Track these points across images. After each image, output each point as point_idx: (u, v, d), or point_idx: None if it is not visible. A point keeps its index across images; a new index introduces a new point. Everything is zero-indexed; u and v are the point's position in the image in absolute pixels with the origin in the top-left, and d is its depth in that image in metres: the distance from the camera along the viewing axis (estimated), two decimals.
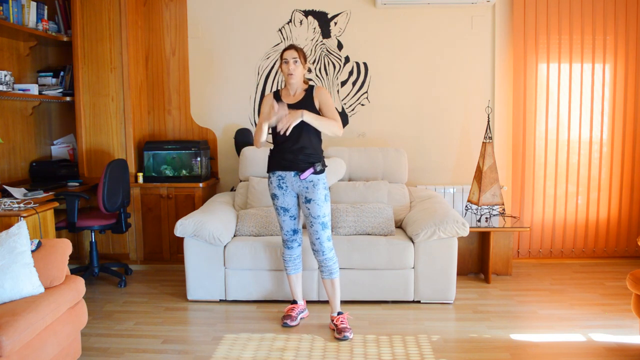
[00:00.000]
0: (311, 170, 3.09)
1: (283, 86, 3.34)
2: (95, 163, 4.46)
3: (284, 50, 3.17)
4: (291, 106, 3.09)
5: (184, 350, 2.99)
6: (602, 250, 4.67)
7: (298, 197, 3.19)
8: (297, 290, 3.41)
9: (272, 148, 3.22)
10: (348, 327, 3.15)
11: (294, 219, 3.25)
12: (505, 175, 4.66)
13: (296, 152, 3.09)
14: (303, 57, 3.17)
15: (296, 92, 3.20)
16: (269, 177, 3.21)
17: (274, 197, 3.20)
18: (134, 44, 4.49)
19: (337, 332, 3.12)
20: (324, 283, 3.23)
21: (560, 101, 4.55)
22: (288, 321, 3.27)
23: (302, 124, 3.02)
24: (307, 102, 3.13)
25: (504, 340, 3.07)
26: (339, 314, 3.22)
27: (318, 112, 3.12)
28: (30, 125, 4.43)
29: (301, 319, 3.37)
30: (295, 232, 3.28)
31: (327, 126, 3.08)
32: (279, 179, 3.15)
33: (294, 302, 3.41)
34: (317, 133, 3.14)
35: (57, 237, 3.71)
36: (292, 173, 3.11)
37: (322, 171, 3.14)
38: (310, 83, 3.26)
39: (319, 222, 3.12)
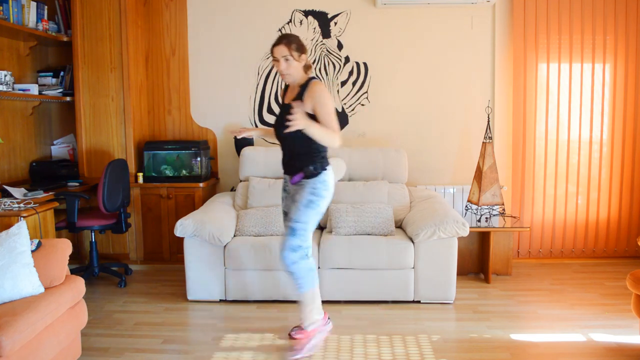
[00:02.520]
0: (301, 175, 2.87)
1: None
2: (95, 163, 4.46)
3: (273, 45, 2.82)
4: (284, 106, 2.93)
5: (184, 350, 2.99)
6: (602, 250, 4.67)
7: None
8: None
9: None
10: (300, 349, 2.83)
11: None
12: (505, 175, 4.66)
13: (291, 155, 2.93)
14: (296, 49, 2.79)
15: (295, 87, 2.92)
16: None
17: (281, 200, 3.12)
18: (134, 44, 4.49)
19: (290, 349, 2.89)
20: None
21: (560, 101, 4.55)
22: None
23: (286, 126, 2.74)
24: (299, 100, 2.84)
25: (504, 340, 3.07)
26: (304, 328, 2.96)
27: (311, 112, 2.79)
28: (30, 125, 4.43)
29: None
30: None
31: (325, 139, 2.75)
32: (284, 182, 3.06)
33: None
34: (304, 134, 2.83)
35: (57, 237, 3.71)
36: (287, 177, 3.00)
37: (314, 175, 2.86)
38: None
39: (291, 225, 2.82)
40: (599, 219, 4.63)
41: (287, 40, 2.79)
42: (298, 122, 2.62)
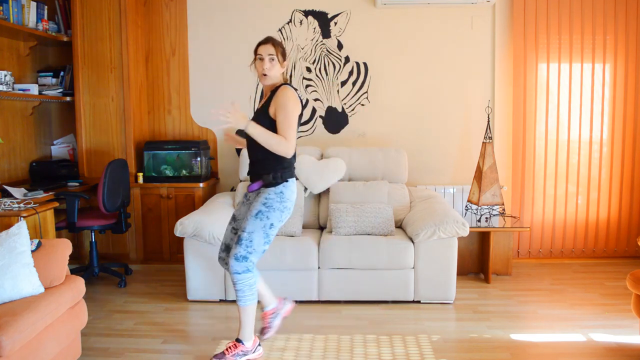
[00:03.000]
0: (259, 183, 2.77)
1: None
2: (95, 163, 4.46)
3: (260, 43, 2.74)
4: (257, 110, 2.84)
5: (184, 350, 2.99)
6: (602, 250, 4.66)
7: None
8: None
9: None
10: (228, 355, 2.75)
11: (235, 233, 2.90)
12: (505, 175, 4.66)
13: (252, 162, 2.82)
14: (282, 53, 2.74)
15: (267, 92, 2.81)
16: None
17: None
18: (134, 44, 4.49)
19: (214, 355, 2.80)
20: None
21: (560, 101, 4.55)
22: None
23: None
24: (263, 109, 2.76)
25: (504, 340, 3.06)
26: (236, 340, 2.83)
27: (269, 119, 2.69)
28: (30, 125, 4.43)
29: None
30: (227, 247, 2.93)
31: (269, 144, 2.64)
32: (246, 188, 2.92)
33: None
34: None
35: (57, 237, 3.71)
36: (250, 184, 2.87)
37: (271, 184, 2.73)
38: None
39: (238, 233, 2.76)
40: (599, 219, 4.63)
41: (274, 41, 2.77)
42: (233, 118, 2.55)
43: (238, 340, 2.82)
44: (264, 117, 2.72)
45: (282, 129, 2.66)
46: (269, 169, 2.73)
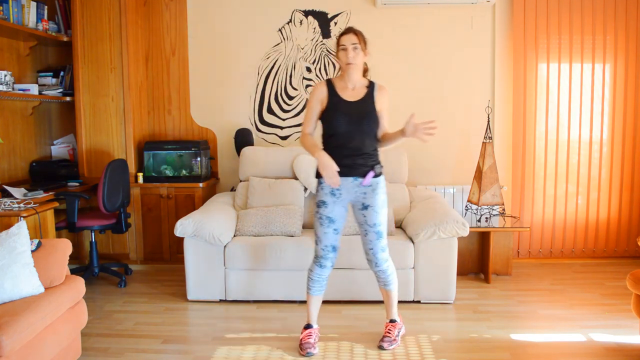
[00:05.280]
0: (372, 174, 2.78)
1: (335, 75, 3.02)
2: (95, 163, 4.46)
3: (342, 34, 2.79)
4: (353, 105, 2.80)
5: (184, 350, 2.99)
6: (602, 250, 4.66)
7: (350, 208, 2.91)
8: (315, 313, 3.01)
9: (323, 150, 2.81)
10: (393, 337, 2.96)
11: (337, 234, 2.87)
12: (505, 175, 4.66)
13: (354, 155, 2.78)
14: (364, 42, 2.80)
15: (355, 85, 2.84)
16: (320, 183, 2.84)
17: (321, 204, 2.83)
18: (134, 44, 4.49)
19: (380, 339, 2.99)
20: (380, 290, 3.04)
21: (560, 101, 4.55)
22: (311, 350, 2.88)
23: (362, 123, 2.76)
24: (368, 102, 2.81)
25: (504, 340, 3.07)
26: (391, 321, 3.04)
27: (377, 115, 2.83)
28: (30, 125, 4.43)
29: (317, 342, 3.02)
30: (334, 249, 2.89)
31: (395, 141, 2.87)
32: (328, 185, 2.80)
33: (309, 326, 2.99)
34: (375, 133, 2.84)
35: (57, 237, 3.71)
36: (351, 179, 2.78)
37: (381, 173, 2.85)
38: (369, 77, 2.90)
39: (374, 230, 2.84)
40: (599, 219, 4.63)
41: (356, 30, 2.81)
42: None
43: (393, 321, 3.04)
44: (376, 114, 2.83)
45: (388, 126, 2.92)
46: (376, 159, 2.86)
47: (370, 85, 2.87)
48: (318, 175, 2.83)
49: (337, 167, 2.70)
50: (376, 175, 2.82)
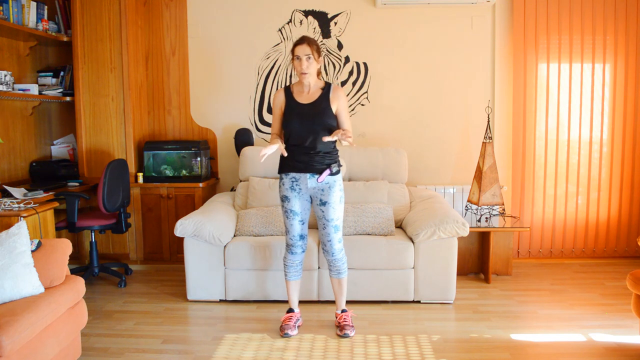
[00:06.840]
0: (327, 172, 2.99)
1: (287, 81, 3.23)
2: (95, 163, 4.46)
3: (295, 44, 2.99)
4: (306, 106, 3.02)
5: (184, 350, 2.99)
6: (602, 250, 4.67)
7: (311, 201, 3.10)
8: (295, 297, 3.27)
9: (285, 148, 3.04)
10: (350, 324, 3.15)
11: (303, 224, 3.12)
12: (505, 175, 4.66)
13: (311, 154, 2.99)
14: (317, 51, 3.00)
15: (310, 89, 3.06)
16: (281, 179, 3.09)
17: (284, 199, 3.08)
18: (134, 44, 4.49)
19: (339, 330, 3.14)
20: (332, 281, 3.24)
21: (560, 101, 4.55)
22: (289, 331, 3.12)
23: (313, 123, 2.96)
24: (322, 103, 3.02)
25: (504, 340, 3.07)
26: (342, 311, 3.22)
27: (334, 115, 3.02)
28: (30, 125, 4.43)
29: (298, 327, 3.23)
30: (302, 237, 3.14)
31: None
32: (292, 181, 3.04)
33: (290, 310, 3.26)
34: (329, 132, 3.00)
35: (57, 237, 3.71)
36: (307, 175, 3.01)
37: (338, 172, 3.06)
38: (325, 79, 3.12)
39: (332, 224, 3.06)
40: (599, 219, 4.63)
41: (309, 40, 3.00)
42: (350, 137, 2.87)
43: (344, 311, 3.22)
44: (332, 114, 3.02)
45: (348, 124, 3.07)
46: (333, 158, 3.05)
47: (326, 87, 3.08)
48: (280, 171, 3.09)
49: (271, 150, 2.91)
50: (333, 174, 3.02)
